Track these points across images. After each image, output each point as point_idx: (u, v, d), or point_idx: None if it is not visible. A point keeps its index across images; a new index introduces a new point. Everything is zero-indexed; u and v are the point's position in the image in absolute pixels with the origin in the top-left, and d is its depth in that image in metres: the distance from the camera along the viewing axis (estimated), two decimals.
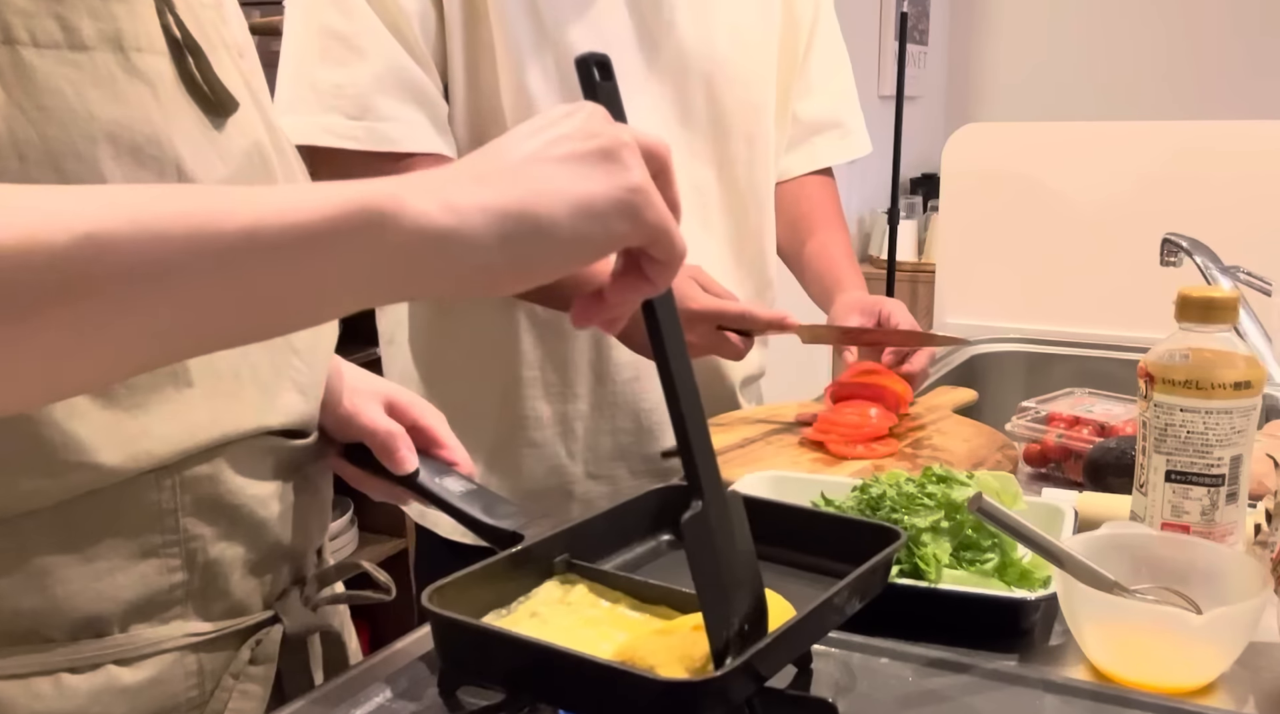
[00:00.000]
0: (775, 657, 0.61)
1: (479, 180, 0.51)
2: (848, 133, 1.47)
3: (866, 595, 0.67)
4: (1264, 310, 1.38)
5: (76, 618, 0.65)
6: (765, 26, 1.31)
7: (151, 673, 0.68)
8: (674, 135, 1.23)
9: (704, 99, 1.25)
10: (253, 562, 0.73)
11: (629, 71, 1.18)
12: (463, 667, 0.64)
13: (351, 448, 0.80)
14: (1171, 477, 0.81)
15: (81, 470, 0.63)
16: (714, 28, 1.24)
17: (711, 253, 1.28)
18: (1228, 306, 0.81)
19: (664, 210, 0.53)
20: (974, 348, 1.70)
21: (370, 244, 0.49)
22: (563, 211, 0.51)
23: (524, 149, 0.53)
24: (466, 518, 0.75)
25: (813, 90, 1.42)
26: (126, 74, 0.62)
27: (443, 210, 0.50)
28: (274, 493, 0.73)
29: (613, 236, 0.52)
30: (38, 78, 0.59)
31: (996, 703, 0.67)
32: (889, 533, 0.71)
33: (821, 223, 1.41)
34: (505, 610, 0.66)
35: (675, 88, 1.23)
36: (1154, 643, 0.70)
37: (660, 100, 1.22)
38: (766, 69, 1.32)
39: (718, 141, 1.27)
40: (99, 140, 0.61)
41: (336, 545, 2.42)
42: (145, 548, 0.67)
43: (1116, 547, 0.76)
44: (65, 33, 0.60)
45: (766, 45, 1.32)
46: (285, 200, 0.49)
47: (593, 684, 0.57)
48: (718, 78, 1.25)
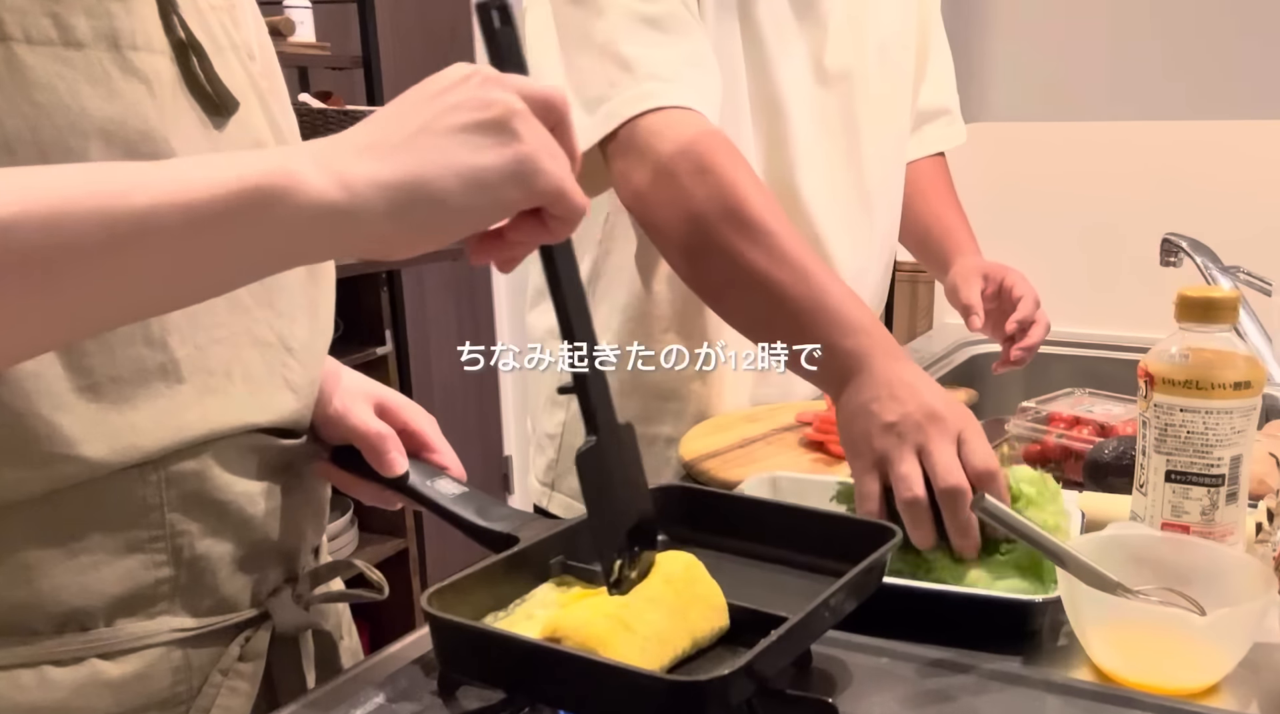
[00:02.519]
0: (775, 657, 0.61)
1: (372, 152, 0.53)
2: (953, 119, 1.50)
3: (862, 594, 0.67)
4: (1264, 310, 1.38)
5: (61, 611, 0.65)
6: (903, 32, 1.34)
7: (136, 667, 0.68)
8: (842, 146, 1.27)
9: (865, 108, 1.28)
10: (241, 558, 0.72)
11: (805, 87, 1.22)
12: (463, 669, 0.64)
13: (341, 452, 0.79)
14: (1171, 477, 0.81)
15: (66, 463, 0.62)
16: (866, 40, 1.27)
17: (871, 258, 1.33)
18: (1228, 306, 0.81)
19: (556, 174, 0.54)
20: (974, 348, 1.70)
21: (264, 221, 0.51)
22: (454, 184, 0.52)
23: (417, 118, 0.54)
24: (460, 521, 0.74)
25: (927, 78, 1.45)
26: (122, 72, 0.63)
27: (336, 186, 0.51)
28: (263, 490, 0.73)
29: (505, 204, 0.54)
30: (30, 74, 0.59)
31: (998, 704, 0.67)
32: (884, 530, 0.71)
33: (935, 196, 1.45)
34: (503, 613, 0.66)
35: (841, 99, 1.26)
36: (1158, 644, 0.70)
37: (828, 114, 1.25)
38: (909, 72, 1.36)
39: (877, 144, 1.30)
40: (91, 136, 0.61)
41: (336, 545, 2.42)
42: (131, 542, 0.67)
43: (1119, 547, 0.76)
44: (59, 30, 0.60)
45: (906, 51, 1.35)
46: (181, 178, 0.51)
47: (593, 684, 0.57)
48: (874, 86, 1.28)
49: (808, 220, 1.24)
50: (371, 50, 2.76)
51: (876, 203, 1.32)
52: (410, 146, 0.53)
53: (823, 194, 1.26)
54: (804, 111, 1.23)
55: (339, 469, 0.79)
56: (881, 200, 1.34)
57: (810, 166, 1.24)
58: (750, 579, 0.74)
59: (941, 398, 0.86)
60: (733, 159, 1.03)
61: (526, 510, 0.83)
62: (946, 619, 0.75)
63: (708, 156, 1.02)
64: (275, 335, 0.72)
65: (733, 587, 0.66)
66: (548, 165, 0.54)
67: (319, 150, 0.53)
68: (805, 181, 1.23)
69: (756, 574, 0.75)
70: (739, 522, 0.78)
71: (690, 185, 1.02)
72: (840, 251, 1.28)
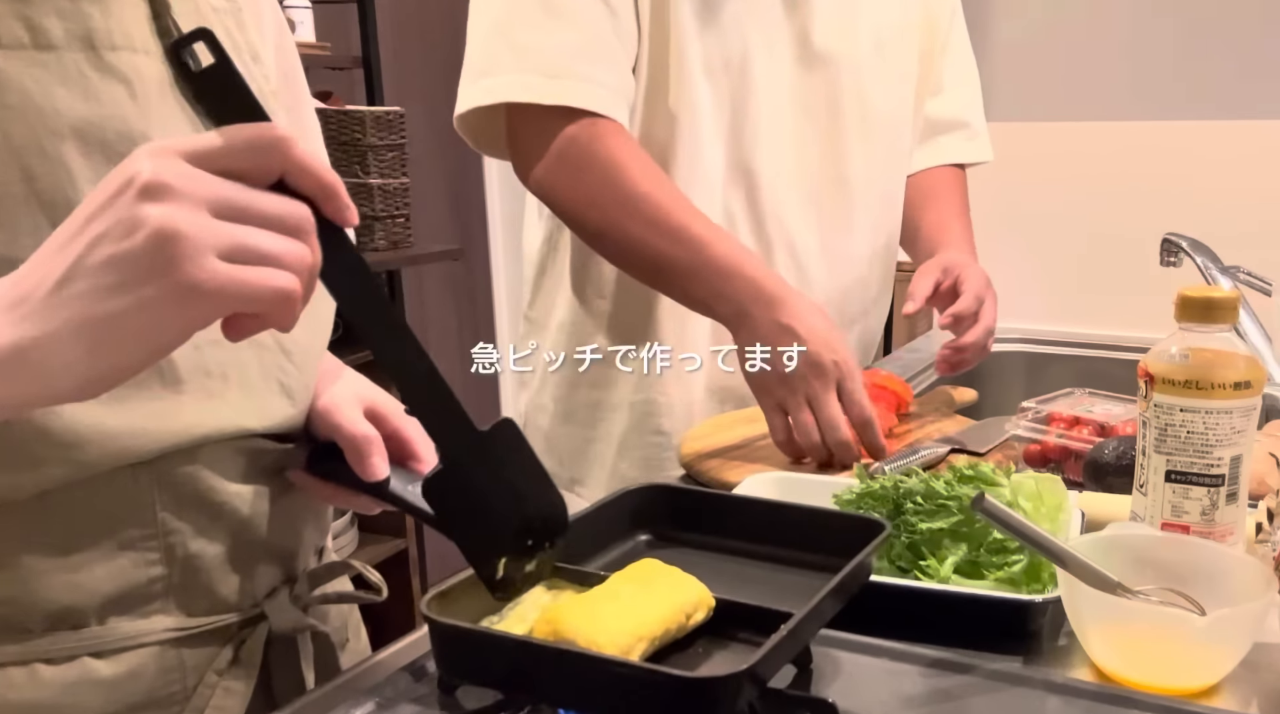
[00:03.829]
0: (774, 659, 0.61)
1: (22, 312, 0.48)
2: (974, 135, 1.49)
3: (851, 589, 0.68)
4: (1264, 310, 1.37)
5: (53, 610, 0.65)
6: (905, 26, 1.34)
7: (129, 666, 0.67)
8: (822, 129, 1.28)
9: (853, 95, 1.28)
10: (235, 559, 0.72)
11: (783, 61, 1.24)
12: (463, 673, 0.64)
13: (323, 452, 0.76)
14: (1171, 477, 0.81)
15: (60, 465, 0.62)
16: (861, 27, 1.28)
17: (849, 244, 1.33)
18: (1228, 306, 0.81)
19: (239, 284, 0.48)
20: None
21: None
22: (114, 337, 0.48)
23: (64, 261, 0.48)
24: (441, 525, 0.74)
25: (943, 90, 1.45)
26: (98, 72, 0.63)
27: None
28: (256, 492, 0.73)
29: (191, 330, 0.50)
30: (2, 78, 0.59)
31: (998, 704, 0.67)
32: (873, 525, 0.71)
33: (939, 202, 1.43)
34: (497, 617, 0.66)
35: (827, 82, 1.27)
36: (1158, 644, 0.70)
37: (811, 94, 1.26)
38: (909, 68, 1.36)
39: (863, 136, 1.31)
40: (66, 137, 0.61)
41: (336, 545, 2.40)
42: (123, 541, 0.66)
43: (1120, 548, 0.76)
44: (31, 33, 0.60)
45: (908, 45, 1.35)
46: None
47: (593, 682, 0.57)
48: (865, 75, 1.29)
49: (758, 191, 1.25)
50: (371, 50, 2.76)
51: (857, 193, 1.32)
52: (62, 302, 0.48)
53: (788, 171, 1.26)
54: (778, 86, 1.24)
55: (313, 476, 0.76)
56: (866, 192, 1.33)
57: (775, 142, 1.24)
58: (738, 576, 0.74)
59: (820, 340, 1.05)
60: (616, 141, 1.13)
61: None
62: (946, 619, 0.75)
63: (592, 144, 1.12)
64: (273, 337, 0.72)
65: (720, 584, 0.66)
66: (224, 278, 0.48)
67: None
68: (766, 156, 1.24)
69: (744, 571, 0.75)
70: (724, 520, 0.78)
71: (577, 173, 1.13)
72: (803, 235, 1.29)
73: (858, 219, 1.34)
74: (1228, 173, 2.04)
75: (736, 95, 1.22)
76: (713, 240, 1.11)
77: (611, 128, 1.14)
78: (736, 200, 1.25)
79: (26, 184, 0.60)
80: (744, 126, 1.23)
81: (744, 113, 1.23)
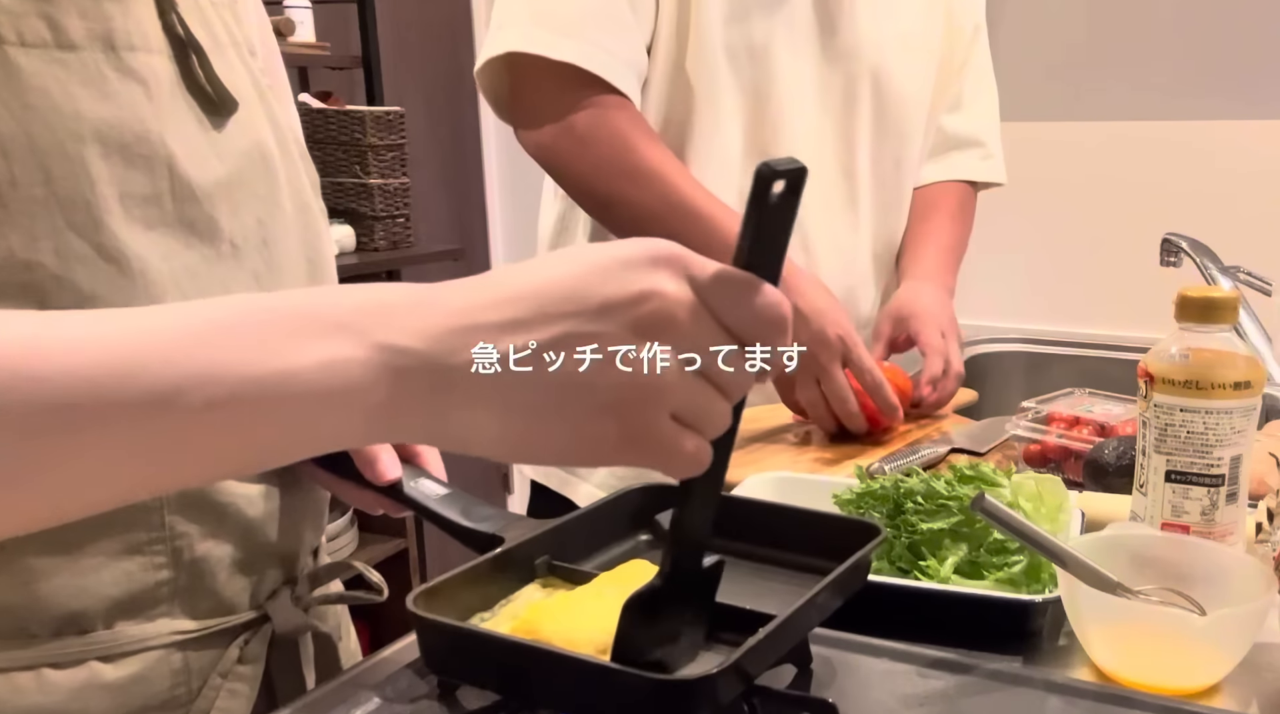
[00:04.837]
0: (763, 655, 0.61)
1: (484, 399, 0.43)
2: (989, 154, 1.49)
3: (847, 592, 0.67)
4: (1264, 310, 1.37)
5: (60, 614, 0.65)
6: (927, 33, 1.35)
7: (135, 670, 0.67)
8: (836, 121, 1.29)
9: (869, 92, 1.29)
10: (241, 560, 0.72)
11: (806, 52, 1.25)
12: (449, 670, 0.64)
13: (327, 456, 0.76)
14: (1171, 477, 0.81)
15: None
16: (883, 26, 1.28)
17: (856, 242, 1.33)
18: (1228, 306, 0.81)
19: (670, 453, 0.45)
20: (974, 348, 1.70)
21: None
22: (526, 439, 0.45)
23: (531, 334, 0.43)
24: (445, 522, 0.73)
25: (961, 106, 1.45)
26: (118, 73, 0.62)
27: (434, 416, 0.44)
28: (262, 492, 0.73)
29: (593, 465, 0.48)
30: (23, 76, 0.59)
31: (998, 704, 0.67)
32: (869, 529, 0.71)
33: (932, 217, 1.42)
34: (488, 614, 0.66)
35: (846, 76, 1.27)
36: (1158, 644, 0.70)
37: (830, 87, 1.27)
38: (926, 74, 1.36)
39: (876, 135, 1.31)
40: (86, 139, 0.61)
41: (336, 545, 2.41)
42: (130, 545, 0.66)
43: (1119, 547, 0.76)
44: (53, 32, 0.60)
45: (928, 52, 1.36)
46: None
47: (579, 683, 0.56)
48: (883, 74, 1.29)
49: None
50: (371, 50, 2.76)
51: (863, 193, 1.32)
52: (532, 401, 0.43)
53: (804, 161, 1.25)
54: (800, 77, 1.24)
55: (323, 470, 0.77)
56: (872, 194, 1.33)
57: (794, 131, 1.25)
58: (733, 577, 0.74)
59: (822, 313, 1.09)
60: (624, 114, 1.13)
61: (521, 511, 0.83)
62: (946, 619, 0.75)
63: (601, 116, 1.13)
64: None
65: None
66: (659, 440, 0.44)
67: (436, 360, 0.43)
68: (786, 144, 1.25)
69: (741, 572, 0.75)
70: (723, 521, 0.78)
71: (583, 145, 1.14)
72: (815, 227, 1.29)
73: (863, 219, 1.34)
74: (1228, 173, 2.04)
75: (759, 81, 1.22)
76: (719, 216, 1.12)
77: (618, 102, 1.15)
78: None
79: (46, 186, 0.60)
80: (765, 112, 1.24)
81: (766, 99, 1.23)
